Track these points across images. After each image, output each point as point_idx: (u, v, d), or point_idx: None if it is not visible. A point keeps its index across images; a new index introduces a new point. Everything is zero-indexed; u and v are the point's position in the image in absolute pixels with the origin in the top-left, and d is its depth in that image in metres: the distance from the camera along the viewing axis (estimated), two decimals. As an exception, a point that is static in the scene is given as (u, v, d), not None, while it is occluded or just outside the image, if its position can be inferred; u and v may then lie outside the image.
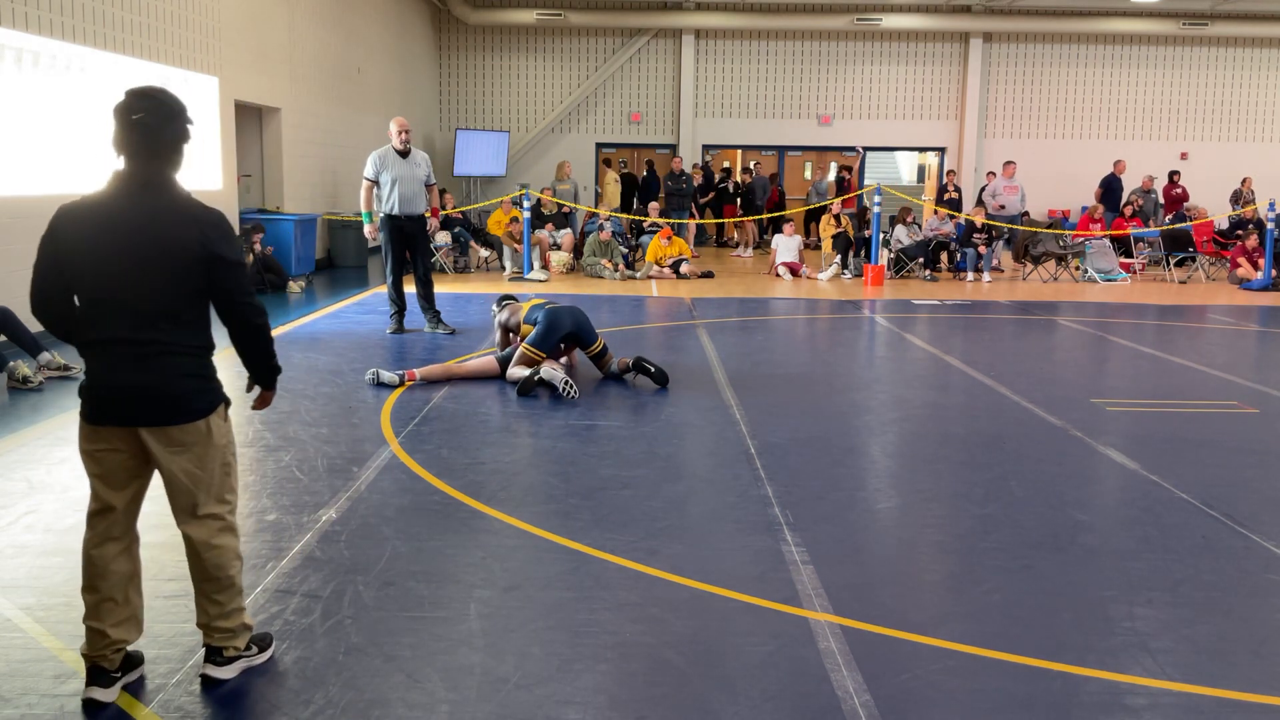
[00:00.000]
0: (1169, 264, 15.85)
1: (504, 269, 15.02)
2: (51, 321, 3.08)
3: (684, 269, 14.74)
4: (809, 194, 20.10)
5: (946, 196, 17.87)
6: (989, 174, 18.12)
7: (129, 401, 2.96)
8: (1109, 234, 16.10)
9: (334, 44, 15.69)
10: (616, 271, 14.59)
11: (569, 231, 16.00)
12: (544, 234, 15.36)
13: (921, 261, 15.27)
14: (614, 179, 19.64)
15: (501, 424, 6.33)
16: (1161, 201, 18.93)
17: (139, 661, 3.17)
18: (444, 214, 14.49)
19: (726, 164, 22.36)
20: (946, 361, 8.71)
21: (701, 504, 4.91)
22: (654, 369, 7.30)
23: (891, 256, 15.39)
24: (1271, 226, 14.36)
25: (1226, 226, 17.19)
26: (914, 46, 22.15)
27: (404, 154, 9.22)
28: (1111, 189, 18.57)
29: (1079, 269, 15.70)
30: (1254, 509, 4.91)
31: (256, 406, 3.36)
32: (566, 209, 16.58)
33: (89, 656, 3.03)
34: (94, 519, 3.06)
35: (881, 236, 14.93)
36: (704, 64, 22.22)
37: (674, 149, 22.18)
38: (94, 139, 9.46)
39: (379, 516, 4.59)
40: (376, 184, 9.27)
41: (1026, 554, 4.29)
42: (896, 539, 4.56)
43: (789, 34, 21.99)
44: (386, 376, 7.20)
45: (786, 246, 15.62)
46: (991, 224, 15.69)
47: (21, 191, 8.49)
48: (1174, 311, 12.23)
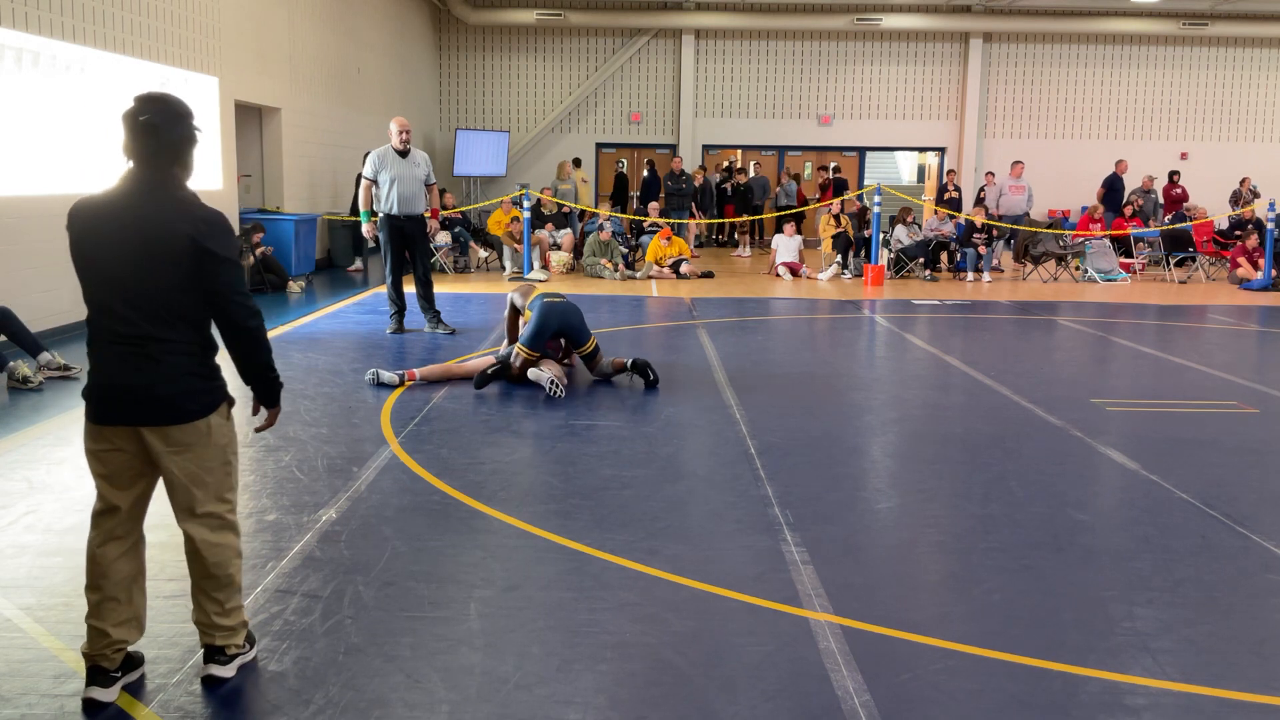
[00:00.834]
0: (1169, 264, 15.85)
1: (504, 269, 15.03)
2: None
3: (684, 269, 14.74)
4: (776, 195, 20.17)
5: (946, 196, 17.87)
6: (988, 174, 18.09)
7: (130, 401, 2.96)
8: (1109, 234, 16.11)
9: (334, 44, 15.69)
10: (616, 271, 14.60)
11: (569, 231, 16.01)
12: (544, 234, 15.36)
13: (921, 261, 15.27)
14: (581, 177, 19.61)
15: (501, 424, 6.33)
16: (1161, 201, 18.93)
17: (139, 662, 3.17)
18: (444, 214, 14.49)
19: (726, 163, 22.38)
20: (946, 361, 8.70)
21: (701, 504, 4.91)
22: (653, 375, 7.30)
23: (891, 256, 15.40)
24: (1271, 226, 14.36)
25: (1226, 226, 17.19)
26: (914, 46, 22.15)
27: (403, 154, 9.21)
28: (1114, 189, 18.57)
29: (1079, 269, 15.70)
30: (1254, 509, 4.91)
31: (261, 429, 3.32)
32: (566, 209, 16.59)
33: (89, 656, 3.02)
34: (98, 519, 3.06)
35: (881, 236, 14.93)
36: (704, 64, 22.22)
37: (674, 149, 22.19)
38: (94, 139, 9.47)
39: (379, 516, 4.59)
40: (375, 183, 9.26)
41: (1026, 554, 4.29)
42: (896, 539, 4.56)
43: (789, 34, 21.99)
44: (386, 376, 7.20)
45: (786, 246, 15.62)
46: (991, 224, 15.70)
47: (22, 191, 8.49)
48: (1174, 311, 12.23)
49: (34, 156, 8.66)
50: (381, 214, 9.28)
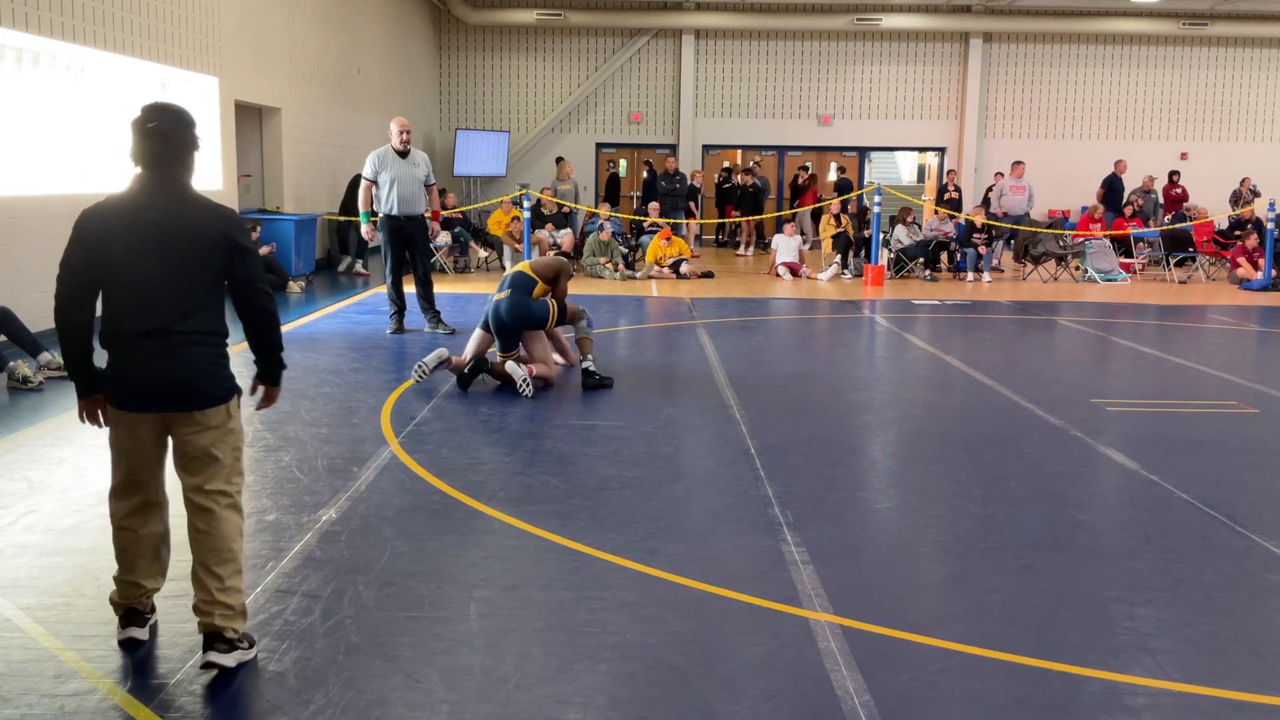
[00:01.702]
0: (1169, 264, 15.85)
1: (504, 269, 15.03)
2: (80, 322, 3.20)
3: (684, 269, 14.74)
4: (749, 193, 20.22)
5: (946, 196, 17.87)
6: (997, 174, 18.05)
7: (156, 391, 3.17)
8: (1109, 234, 16.10)
9: (334, 44, 15.69)
10: (616, 271, 14.60)
11: (569, 231, 16.01)
12: (544, 234, 15.36)
13: (921, 261, 15.27)
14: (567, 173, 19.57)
15: (501, 424, 6.33)
16: (1161, 201, 18.93)
17: (154, 609, 3.44)
18: (444, 214, 14.48)
19: (727, 163, 22.38)
20: (946, 361, 8.70)
21: (701, 504, 4.91)
22: (597, 378, 7.25)
23: (891, 256, 15.39)
24: (1271, 226, 14.36)
25: (1226, 226, 17.19)
26: (914, 46, 22.15)
27: (403, 154, 9.21)
28: (1113, 189, 18.57)
29: (1079, 269, 15.70)
30: (1254, 509, 4.91)
31: (261, 406, 3.52)
32: (566, 209, 16.59)
33: (122, 603, 3.32)
34: (123, 491, 3.28)
35: (881, 236, 14.93)
36: (704, 64, 22.21)
37: (674, 149, 22.19)
38: (94, 139, 9.47)
39: (379, 516, 4.59)
40: (375, 184, 9.26)
41: (1026, 554, 4.29)
42: (896, 539, 4.56)
43: (789, 34, 21.99)
44: (434, 356, 7.14)
45: (786, 246, 15.62)
46: (991, 224, 15.69)
47: (22, 191, 8.49)
48: (1174, 311, 12.23)
49: (34, 157, 8.66)
50: (381, 214, 9.27)
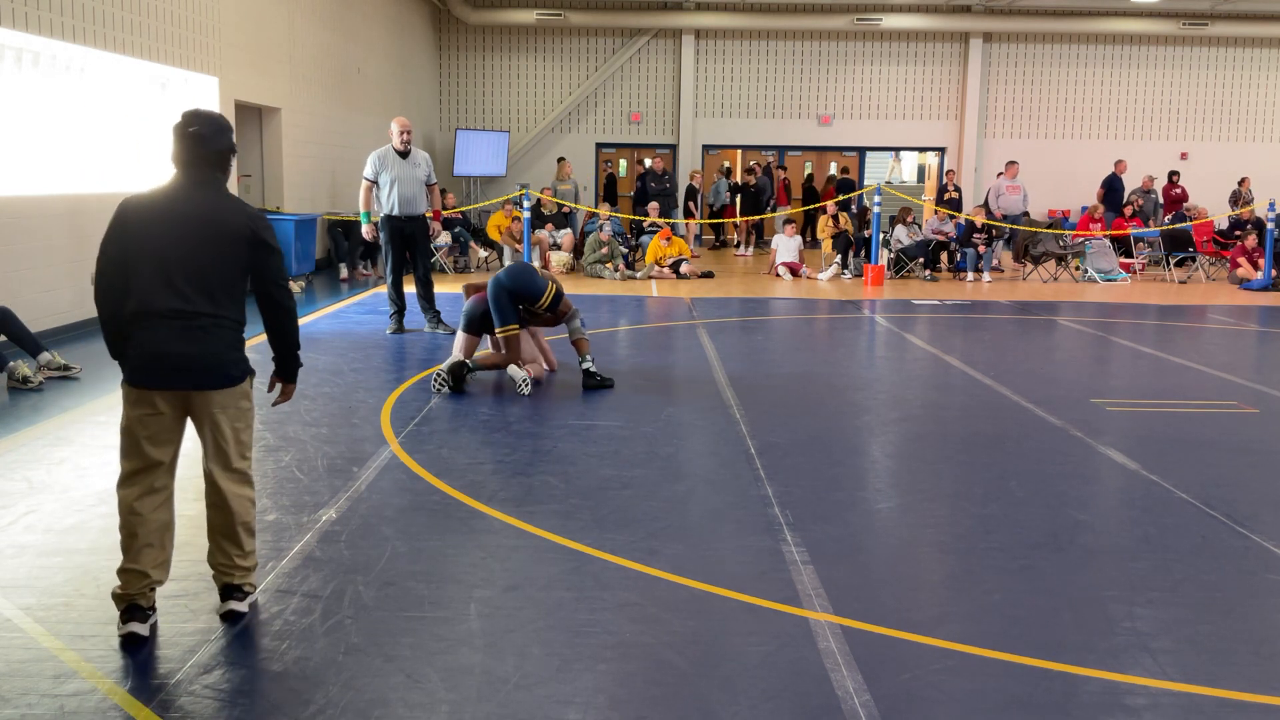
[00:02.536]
0: (1169, 264, 15.85)
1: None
2: (116, 302, 3.43)
3: (684, 269, 14.74)
4: (710, 194, 20.20)
5: (946, 196, 17.86)
6: (999, 174, 18.02)
7: (182, 368, 3.37)
8: (1109, 234, 16.10)
9: (334, 44, 15.68)
10: (616, 272, 14.60)
11: (569, 231, 16.01)
12: (544, 234, 15.36)
13: (921, 261, 15.26)
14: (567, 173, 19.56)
15: (501, 424, 6.33)
16: (1161, 201, 18.93)
17: (155, 606, 3.51)
18: (444, 214, 14.47)
19: (726, 163, 22.38)
20: (946, 361, 8.70)
21: (701, 504, 4.91)
22: (597, 379, 7.25)
23: (891, 256, 15.39)
24: (1271, 226, 14.36)
25: (1226, 226, 17.19)
26: (914, 46, 22.15)
27: (404, 154, 9.21)
28: (1114, 189, 18.56)
29: (1079, 269, 15.70)
30: (1254, 509, 4.91)
31: (277, 402, 3.78)
32: (566, 209, 16.59)
33: (125, 596, 3.38)
34: (135, 476, 3.42)
35: (881, 236, 14.93)
36: (704, 64, 22.21)
37: (674, 149, 22.20)
38: (94, 139, 9.47)
39: (379, 516, 4.59)
40: (376, 184, 9.26)
41: (1026, 554, 4.29)
42: (896, 539, 4.56)
43: (789, 34, 21.98)
44: (452, 363, 7.11)
45: (786, 246, 15.62)
46: (991, 224, 15.69)
47: (22, 191, 8.49)
48: (1174, 311, 12.23)
49: (34, 157, 8.66)
50: (382, 215, 9.27)
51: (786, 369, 8.28)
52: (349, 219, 14.10)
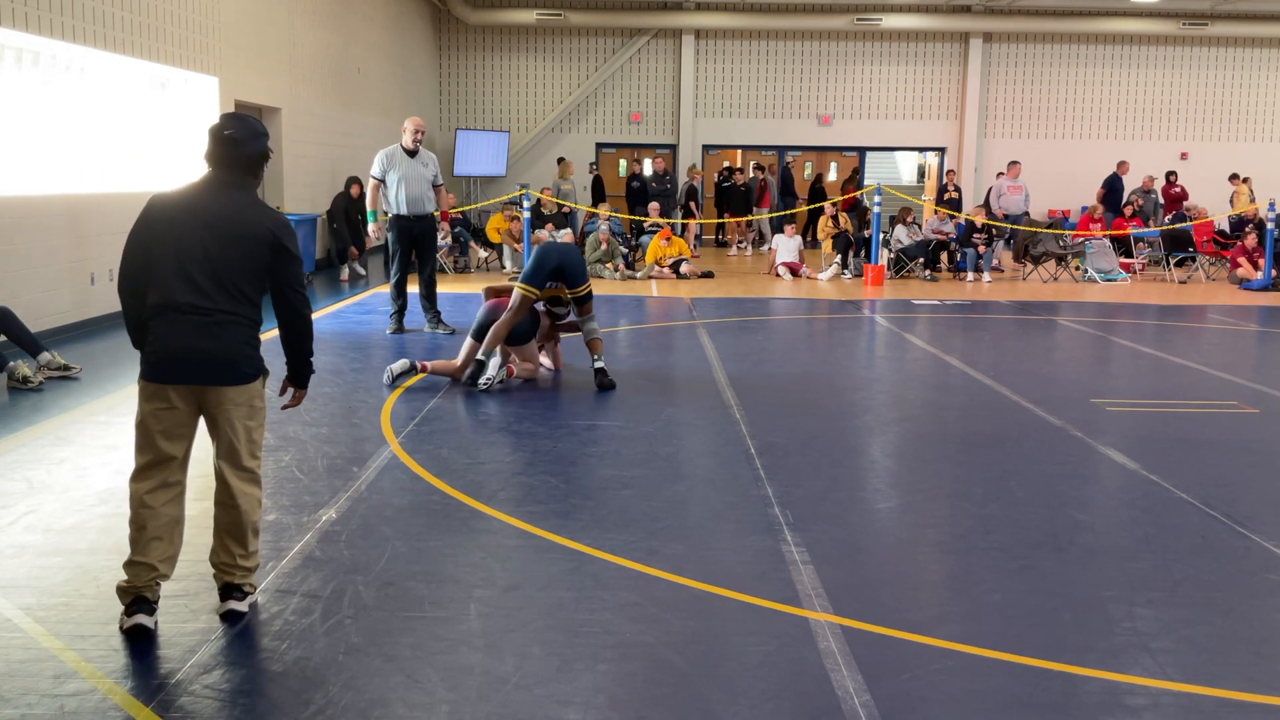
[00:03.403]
0: (1169, 264, 15.85)
1: (504, 269, 15.04)
2: (134, 300, 3.48)
3: (684, 269, 14.74)
4: (680, 194, 20.20)
5: (946, 196, 17.86)
6: (999, 175, 18.03)
7: (199, 363, 3.41)
8: (1109, 234, 16.10)
9: (334, 44, 15.68)
10: (616, 272, 14.60)
11: (569, 231, 16.00)
12: (544, 234, 15.36)
13: (921, 261, 15.26)
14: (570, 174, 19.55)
15: (501, 424, 6.33)
16: (1162, 201, 18.93)
17: (158, 600, 3.52)
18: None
19: (727, 163, 22.38)
20: (946, 361, 8.70)
21: (701, 504, 4.91)
22: (608, 382, 7.24)
23: (891, 256, 15.39)
24: (1271, 226, 14.36)
25: (1227, 227, 17.19)
26: (914, 46, 22.15)
27: (412, 153, 9.21)
28: (1114, 189, 18.56)
29: (1079, 269, 15.70)
30: (1254, 509, 4.91)
31: (288, 406, 3.79)
32: (566, 209, 16.59)
33: (131, 589, 3.40)
34: (149, 470, 3.45)
35: (881, 236, 14.93)
36: (704, 64, 22.21)
37: (674, 149, 22.20)
38: (94, 139, 9.46)
39: (379, 516, 4.59)
40: (383, 183, 9.26)
41: (1026, 554, 4.29)
42: (896, 539, 4.56)
43: (789, 34, 21.98)
44: (399, 366, 7.16)
45: (786, 246, 15.62)
46: (991, 224, 15.69)
47: (22, 192, 8.49)
48: (1174, 311, 12.23)
49: (34, 157, 8.66)
50: (390, 214, 9.28)
51: (786, 369, 8.28)
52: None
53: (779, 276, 15.21)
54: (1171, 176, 19.46)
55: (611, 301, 12.12)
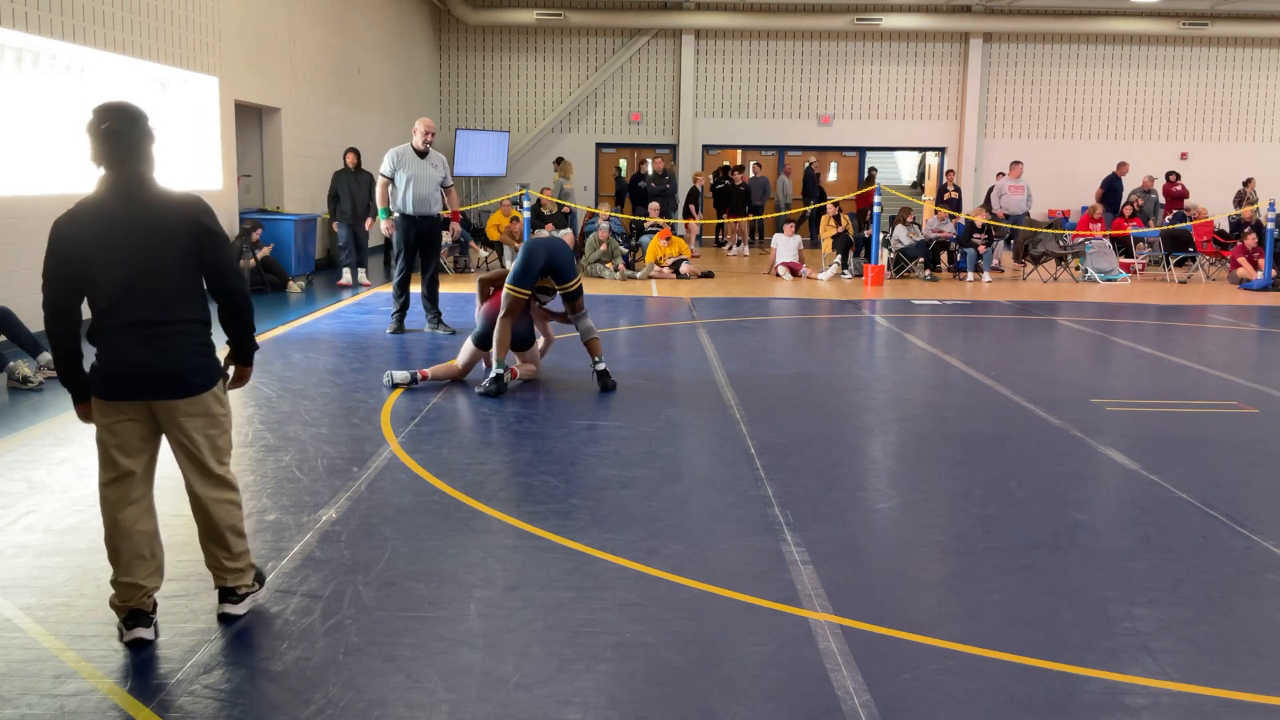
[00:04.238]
0: (1169, 264, 15.85)
1: (504, 268, 15.01)
2: (66, 329, 3.34)
3: (684, 269, 14.74)
4: (775, 196, 20.17)
5: (946, 196, 17.86)
6: (999, 175, 18.03)
7: (141, 377, 3.30)
8: (1109, 234, 16.10)
9: (334, 44, 15.68)
10: (616, 271, 14.60)
11: (569, 231, 15.98)
12: (544, 234, 15.35)
13: (921, 261, 15.26)
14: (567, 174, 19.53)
15: (501, 424, 6.33)
16: (1162, 201, 18.93)
17: (156, 606, 3.48)
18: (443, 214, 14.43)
19: (726, 163, 22.37)
20: (946, 361, 8.70)
21: (701, 504, 4.91)
22: (611, 383, 7.22)
23: (891, 256, 15.39)
24: (1271, 226, 14.36)
25: (1227, 227, 17.18)
26: (914, 46, 22.15)
27: (422, 154, 9.24)
28: (1113, 189, 18.56)
29: (1079, 269, 15.70)
30: (1254, 509, 4.91)
31: (232, 386, 3.62)
32: (566, 209, 16.59)
33: (124, 606, 3.36)
34: (112, 485, 3.36)
35: (881, 236, 14.93)
36: (704, 64, 22.22)
37: (674, 149, 22.20)
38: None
39: (379, 516, 4.59)
40: (392, 182, 9.29)
41: (1026, 554, 4.29)
42: (896, 539, 4.56)
43: (789, 34, 21.99)
44: (400, 376, 7.15)
45: (786, 246, 15.62)
46: (992, 224, 15.69)
47: (22, 191, 8.49)
48: (1174, 311, 12.23)
49: (34, 157, 8.66)
50: (397, 213, 9.30)
51: (786, 369, 8.28)
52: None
53: (779, 276, 15.21)
54: (1171, 177, 19.46)
55: (611, 301, 12.12)
